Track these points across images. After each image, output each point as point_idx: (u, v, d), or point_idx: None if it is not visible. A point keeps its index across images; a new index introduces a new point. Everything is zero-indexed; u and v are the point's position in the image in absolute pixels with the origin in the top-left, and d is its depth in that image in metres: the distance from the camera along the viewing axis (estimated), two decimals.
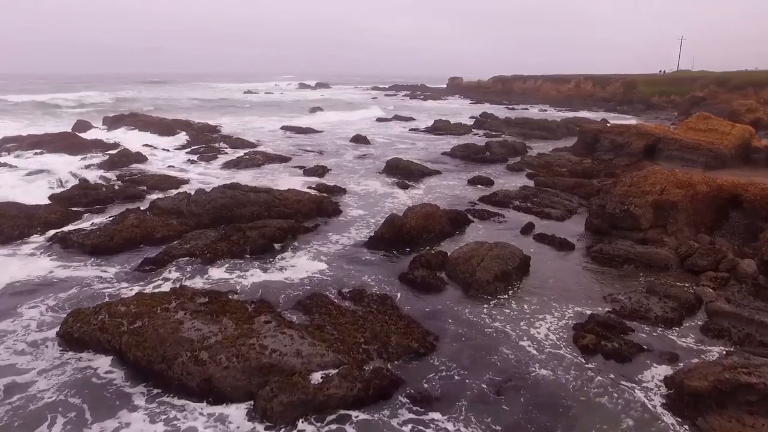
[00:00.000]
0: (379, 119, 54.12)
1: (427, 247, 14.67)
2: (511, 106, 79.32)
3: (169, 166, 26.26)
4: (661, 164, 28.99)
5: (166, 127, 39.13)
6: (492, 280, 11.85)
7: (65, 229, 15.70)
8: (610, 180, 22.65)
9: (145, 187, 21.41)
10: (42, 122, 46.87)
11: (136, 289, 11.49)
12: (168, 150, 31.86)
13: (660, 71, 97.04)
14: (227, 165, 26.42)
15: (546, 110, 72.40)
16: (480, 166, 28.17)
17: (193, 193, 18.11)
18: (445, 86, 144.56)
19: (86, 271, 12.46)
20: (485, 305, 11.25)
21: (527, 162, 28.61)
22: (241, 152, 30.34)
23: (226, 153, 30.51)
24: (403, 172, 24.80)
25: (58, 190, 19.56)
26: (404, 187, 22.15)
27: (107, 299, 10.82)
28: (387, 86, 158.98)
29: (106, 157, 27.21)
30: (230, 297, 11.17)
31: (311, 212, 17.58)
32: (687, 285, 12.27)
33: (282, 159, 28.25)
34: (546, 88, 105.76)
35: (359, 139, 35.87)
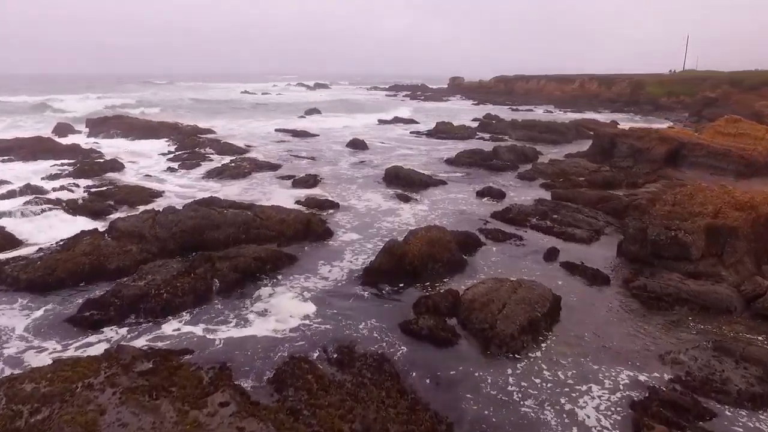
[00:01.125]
0: (380, 121, 51.65)
1: (432, 283, 12.20)
2: (514, 107, 76.86)
3: (146, 176, 23.76)
4: (685, 172, 26.54)
5: (150, 131, 36.73)
6: (518, 334, 9.35)
7: (3, 257, 13.20)
8: (639, 194, 20.19)
9: (112, 202, 18.91)
10: (24, 124, 44.43)
11: (63, 348, 8.99)
12: (149, 156, 29.42)
13: (670, 71, 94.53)
14: (210, 174, 23.90)
15: (552, 111, 69.91)
16: (488, 174, 25.66)
17: (162, 210, 15.57)
18: (446, 86, 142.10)
19: (7, 320, 9.96)
20: (511, 369, 8.75)
21: (540, 170, 26.09)
22: (227, 159, 27.87)
23: (212, 160, 28.00)
24: (405, 183, 22.30)
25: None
26: (405, 200, 19.64)
27: (18, 368, 8.32)
28: (387, 86, 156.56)
29: (79, 164, 24.82)
30: (183, 359, 8.70)
31: (297, 235, 15.08)
32: (761, 338, 9.78)
33: (271, 167, 25.74)
34: (549, 89, 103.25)
35: (356, 144, 33.37)
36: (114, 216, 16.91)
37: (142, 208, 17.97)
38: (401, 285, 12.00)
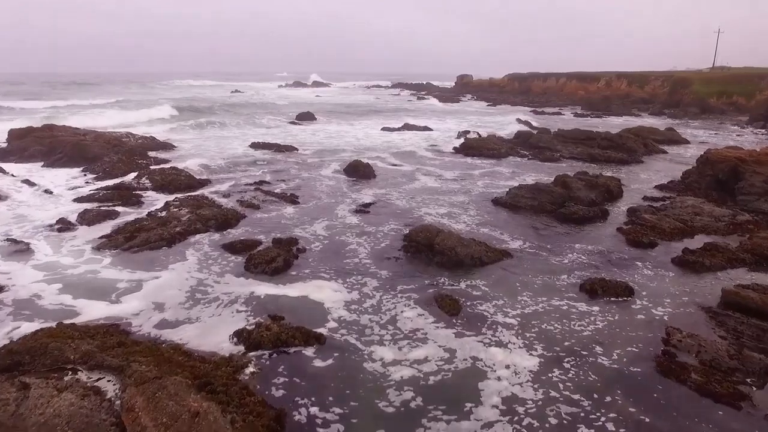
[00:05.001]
0: (385, 129, 42.10)
1: None
2: (539, 110, 67.05)
3: (7, 240, 14.17)
4: None
5: (81, 150, 26.96)
6: None
7: None
8: None
9: None
10: None
11: None
12: (51, 192, 19.87)
13: (720, 67, 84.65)
14: (115, 238, 14.26)
15: (586, 115, 60.14)
16: (570, 230, 16.04)
17: None
18: (453, 84, 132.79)
19: None
20: None
21: (648, 221, 16.46)
22: (164, 200, 18.36)
23: (140, 203, 18.50)
24: (444, 261, 12.71)
25: None
26: (453, 313, 10.05)
27: None
28: (390, 85, 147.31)
29: None
30: None
31: None
32: None
33: (222, 221, 16.00)
34: (571, 88, 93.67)
35: (358, 170, 23.76)
36: None
37: None
38: None
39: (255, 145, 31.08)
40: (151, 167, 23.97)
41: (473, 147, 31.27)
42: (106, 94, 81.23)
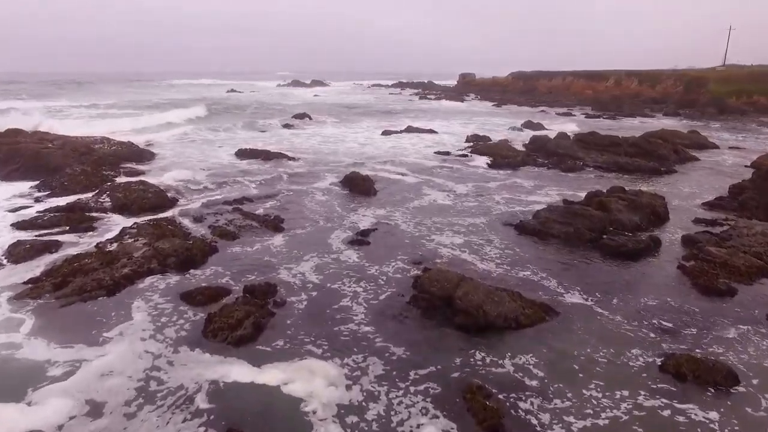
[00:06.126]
0: (386, 132, 38.85)
1: None
2: (548, 110, 63.81)
3: None
4: None
5: (40, 159, 23.74)
6: None
7: None
8: None
9: None
10: None
11: None
12: None
13: (740, 65, 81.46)
14: (41, 284, 11.09)
15: (599, 116, 56.86)
16: (621, 271, 12.81)
17: None
18: (455, 83, 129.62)
19: None
20: None
21: (718, 257, 13.24)
22: (121, 225, 15.17)
23: (93, 228, 15.30)
24: (467, 324, 9.51)
25: None
26: (492, 426, 6.87)
27: None
28: (390, 84, 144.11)
29: None
30: None
31: None
32: None
33: (184, 259, 12.77)
34: (578, 87, 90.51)
35: (356, 184, 20.55)
36: None
37: None
38: None
39: (242, 153, 27.85)
40: (117, 181, 20.81)
41: (486, 154, 28.12)
42: (104, 94, 78.86)
